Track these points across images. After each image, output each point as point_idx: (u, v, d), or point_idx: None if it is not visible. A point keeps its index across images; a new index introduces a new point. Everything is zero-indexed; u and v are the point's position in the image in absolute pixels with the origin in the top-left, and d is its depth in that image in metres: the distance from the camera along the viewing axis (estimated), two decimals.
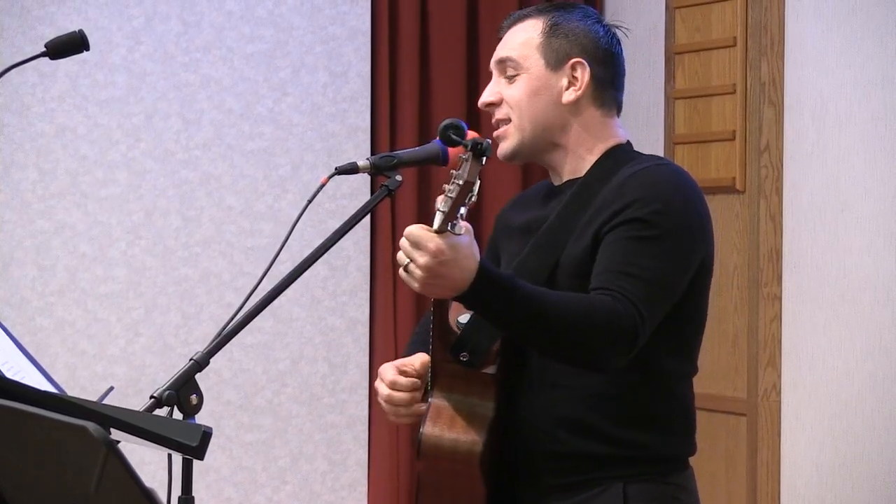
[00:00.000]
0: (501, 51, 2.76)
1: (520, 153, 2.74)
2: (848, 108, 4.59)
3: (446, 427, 2.58)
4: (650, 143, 5.11)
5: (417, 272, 2.35)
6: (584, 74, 2.69)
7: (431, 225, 2.35)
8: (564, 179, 2.73)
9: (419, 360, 2.71)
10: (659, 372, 2.63)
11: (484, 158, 2.28)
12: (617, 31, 2.78)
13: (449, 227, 2.31)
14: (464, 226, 2.36)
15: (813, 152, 4.69)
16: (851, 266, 4.57)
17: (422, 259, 2.34)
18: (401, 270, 2.40)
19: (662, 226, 2.54)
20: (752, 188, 4.82)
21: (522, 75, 2.71)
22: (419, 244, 2.34)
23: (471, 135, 2.39)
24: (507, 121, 2.73)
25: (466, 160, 2.27)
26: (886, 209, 4.49)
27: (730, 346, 4.87)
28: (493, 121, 2.76)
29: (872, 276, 4.52)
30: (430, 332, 2.61)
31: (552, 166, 2.75)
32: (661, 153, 5.13)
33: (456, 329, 2.60)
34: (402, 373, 2.70)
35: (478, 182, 2.28)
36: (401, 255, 2.39)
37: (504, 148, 2.74)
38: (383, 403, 2.71)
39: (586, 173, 2.69)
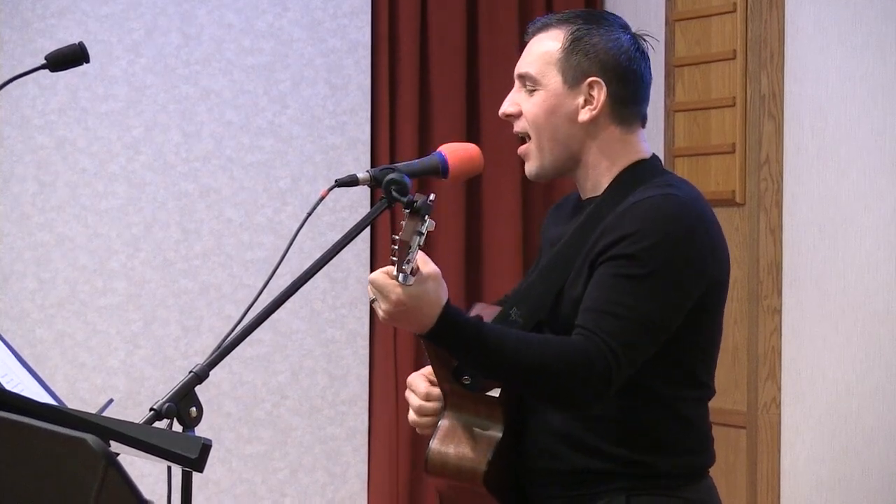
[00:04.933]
0: (522, 66, 2.72)
1: (543, 174, 2.72)
2: (848, 121, 4.59)
3: (453, 446, 2.62)
4: None
5: (380, 313, 2.43)
6: (600, 94, 2.66)
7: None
8: (587, 196, 2.73)
9: None
10: (662, 397, 2.61)
11: (426, 216, 2.31)
12: (643, 41, 2.74)
13: (401, 280, 2.36)
14: (430, 272, 2.40)
15: (813, 165, 4.69)
16: (851, 279, 4.57)
17: (384, 306, 2.41)
18: (369, 302, 2.48)
19: (652, 263, 2.51)
20: (751, 201, 4.82)
21: (540, 91, 2.68)
22: (382, 292, 2.41)
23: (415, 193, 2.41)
24: (527, 136, 2.71)
25: (406, 217, 2.32)
26: (886, 222, 4.49)
27: (730, 360, 4.87)
28: (514, 131, 2.74)
29: (872, 290, 4.52)
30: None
31: (576, 181, 2.75)
32: None
33: None
34: (432, 383, 2.73)
35: (417, 238, 2.31)
36: (369, 290, 2.46)
37: (529, 169, 2.73)
38: (414, 416, 2.75)
39: (602, 193, 2.67)
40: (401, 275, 2.35)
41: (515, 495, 2.68)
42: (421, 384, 2.75)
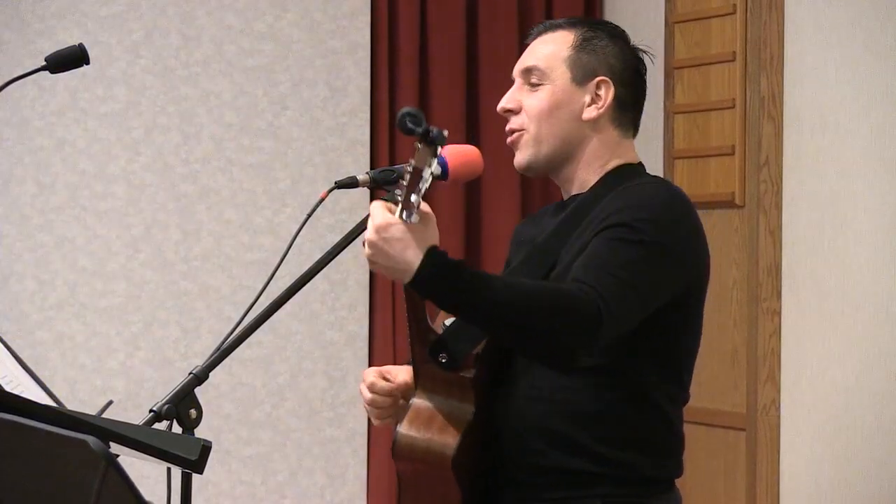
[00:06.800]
0: (528, 59, 2.73)
1: (534, 165, 2.71)
2: (847, 122, 4.59)
3: (422, 428, 2.56)
4: (649, 158, 5.11)
5: (366, 248, 2.37)
6: (607, 94, 2.70)
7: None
8: (572, 193, 2.73)
9: (404, 371, 2.71)
10: (649, 395, 2.61)
11: (438, 148, 2.23)
12: (643, 55, 2.79)
13: (404, 216, 2.29)
14: (424, 213, 2.33)
15: (812, 167, 4.69)
16: (851, 281, 4.57)
17: (369, 234, 2.35)
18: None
19: (646, 233, 2.52)
20: (751, 203, 4.82)
21: (546, 86, 2.70)
22: (372, 219, 2.35)
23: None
24: (522, 131, 2.70)
25: (419, 148, 2.23)
26: (886, 224, 4.49)
27: (729, 361, 4.87)
28: (507, 128, 2.73)
29: (872, 292, 4.52)
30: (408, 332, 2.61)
31: (563, 180, 2.75)
32: (660, 168, 5.13)
33: (440, 332, 2.59)
34: (384, 379, 2.71)
35: (429, 169, 2.23)
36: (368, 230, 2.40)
37: (519, 159, 2.72)
38: (366, 406, 2.73)
39: (590, 189, 2.69)
40: (405, 212, 2.27)
41: (482, 484, 2.63)
42: (368, 376, 2.73)
